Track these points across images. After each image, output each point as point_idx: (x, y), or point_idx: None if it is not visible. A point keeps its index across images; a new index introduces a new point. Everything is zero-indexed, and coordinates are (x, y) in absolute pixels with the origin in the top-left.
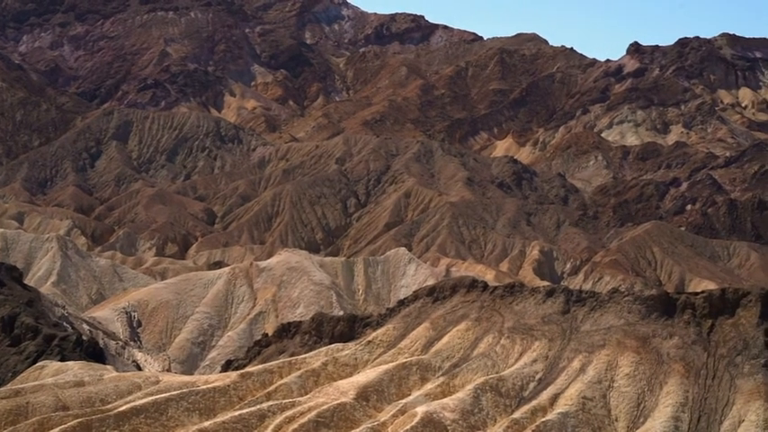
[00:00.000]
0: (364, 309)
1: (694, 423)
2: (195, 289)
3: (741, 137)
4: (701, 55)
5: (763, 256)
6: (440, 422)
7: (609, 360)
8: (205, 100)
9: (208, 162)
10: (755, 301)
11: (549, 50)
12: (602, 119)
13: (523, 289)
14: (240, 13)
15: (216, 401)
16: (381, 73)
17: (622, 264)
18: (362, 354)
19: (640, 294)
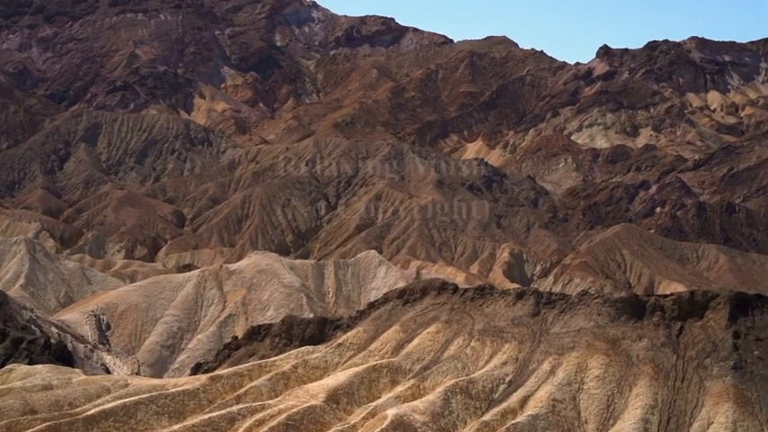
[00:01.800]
0: (334, 311)
1: (663, 425)
2: (164, 292)
3: (710, 140)
4: (671, 58)
5: (732, 259)
6: (410, 425)
7: (579, 362)
8: (174, 102)
9: (177, 164)
10: (724, 303)
11: (519, 53)
12: (572, 122)
13: (493, 291)
14: (210, 15)
15: (185, 405)
16: (352, 75)
17: (592, 266)
18: (333, 356)
19: (610, 297)
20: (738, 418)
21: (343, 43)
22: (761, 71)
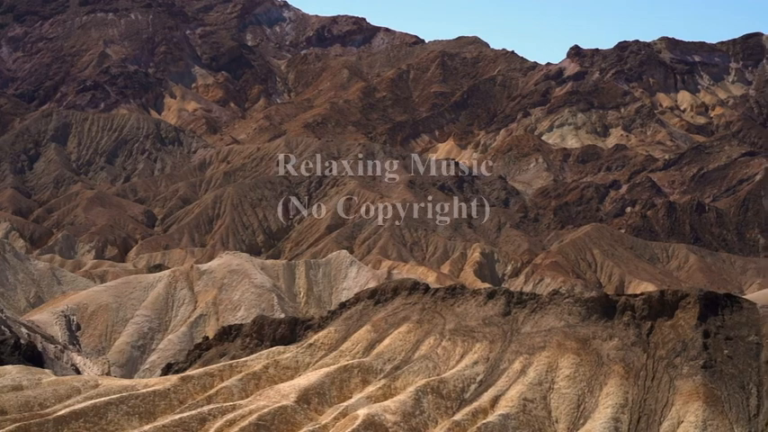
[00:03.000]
0: (306, 311)
1: (634, 424)
2: (135, 292)
3: (680, 140)
4: (641, 58)
5: (702, 258)
6: (381, 424)
7: (549, 362)
8: (145, 102)
9: (148, 164)
10: (694, 302)
11: (491, 53)
12: (543, 122)
13: (465, 291)
14: (181, 14)
15: (156, 405)
16: (323, 75)
17: (563, 266)
18: (304, 356)
19: (580, 296)
20: (708, 416)
21: (315, 43)
22: (730, 71)
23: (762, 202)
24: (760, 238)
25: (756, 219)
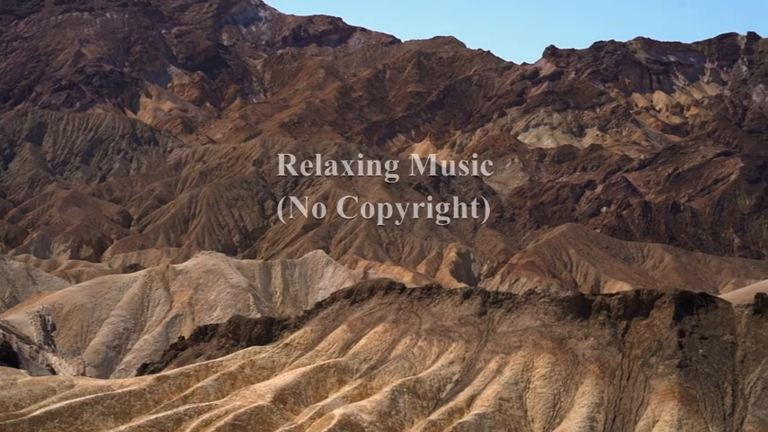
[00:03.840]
0: (282, 311)
1: (609, 423)
2: (110, 292)
3: (655, 140)
4: (616, 59)
5: (677, 258)
6: (357, 424)
7: (525, 361)
8: (121, 101)
9: (123, 164)
10: (669, 302)
11: (467, 53)
12: (519, 121)
13: (441, 291)
14: (156, 14)
15: (132, 405)
16: (299, 75)
17: (538, 265)
18: (280, 356)
19: (556, 296)
20: (683, 415)
21: (291, 43)
22: (706, 71)
23: (736, 201)
24: (735, 238)
25: (731, 218)
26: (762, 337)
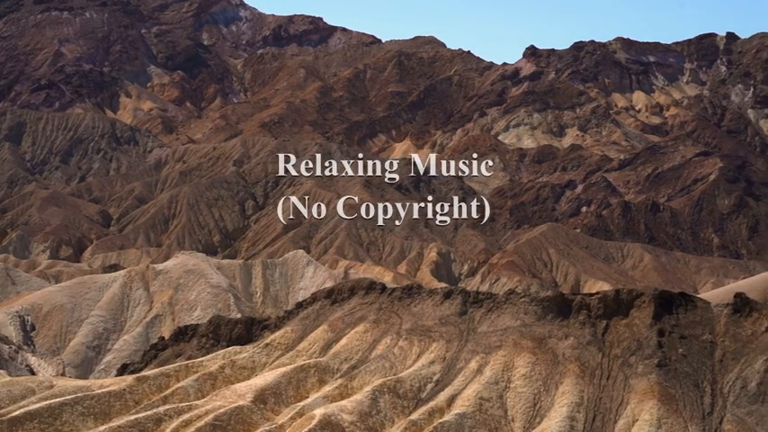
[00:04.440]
0: (262, 311)
1: (589, 423)
2: (90, 292)
3: (635, 140)
4: (596, 59)
5: (657, 258)
6: (338, 424)
7: (505, 361)
8: (100, 101)
9: (103, 164)
10: (649, 301)
11: (447, 53)
12: (499, 122)
13: (421, 291)
14: (136, 13)
15: (111, 406)
16: (279, 75)
17: (519, 265)
18: (260, 356)
19: (536, 295)
20: (663, 415)
21: (271, 42)
22: (685, 72)
23: (716, 201)
24: (714, 238)
25: (710, 218)
26: (741, 337)
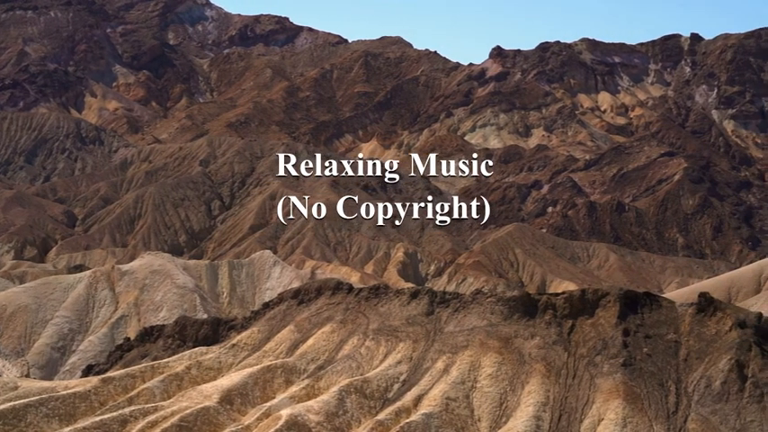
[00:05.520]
0: (229, 312)
1: (555, 422)
2: (55, 293)
3: (600, 140)
4: (562, 59)
5: (622, 258)
6: (304, 425)
7: (472, 361)
8: (65, 101)
9: (68, 164)
10: (614, 301)
11: (414, 54)
12: (466, 122)
13: (388, 291)
14: (101, 12)
15: (76, 407)
16: (246, 75)
17: (485, 265)
18: (227, 357)
19: (503, 295)
20: (628, 414)
21: (237, 42)
22: (650, 72)
23: (680, 201)
24: (678, 238)
25: (675, 218)
26: (705, 336)
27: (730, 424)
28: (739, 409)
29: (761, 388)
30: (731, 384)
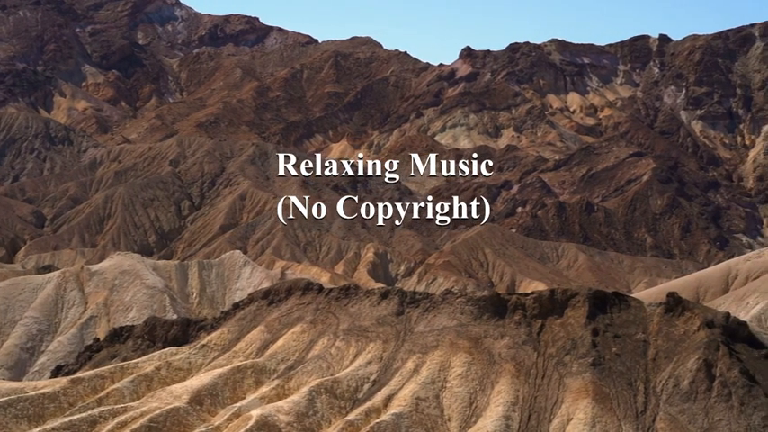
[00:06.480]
0: (198, 312)
1: (525, 421)
2: (24, 293)
3: (569, 140)
4: (531, 60)
5: (591, 258)
6: (274, 425)
7: (442, 361)
8: (34, 100)
9: (37, 164)
10: (583, 301)
11: (384, 54)
12: (436, 122)
13: (358, 291)
14: (70, 12)
15: (45, 408)
16: (216, 75)
17: (455, 265)
18: (196, 357)
19: (472, 295)
20: (597, 413)
21: (207, 42)
22: (619, 73)
23: (649, 201)
24: (647, 238)
25: (643, 218)
26: (673, 336)
27: (698, 423)
28: (707, 408)
29: (728, 387)
30: (699, 384)
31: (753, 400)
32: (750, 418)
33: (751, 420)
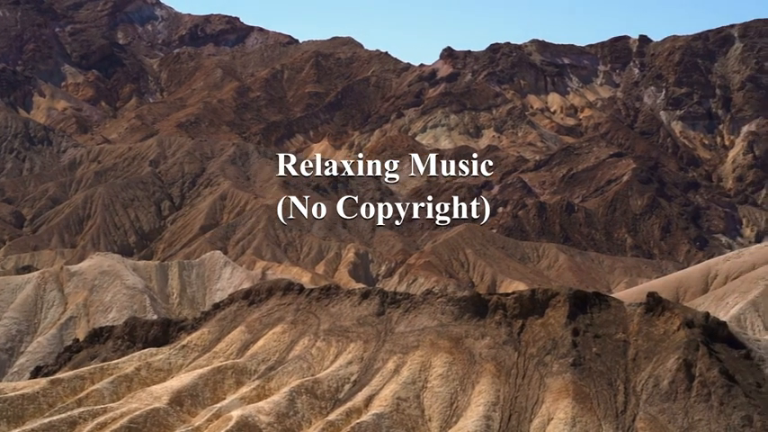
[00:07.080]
0: (179, 313)
1: (505, 421)
2: (3, 294)
3: (550, 141)
4: (512, 60)
5: (571, 258)
6: (255, 426)
7: (423, 361)
8: (13, 100)
9: (16, 164)
10: (564, 301)
11: (365, 54)
12: (417, 122)
13: (339, 291)
14: (50, 11)
15: (25, 409)
16: (196, 75)
17: (436, 265)
18: (177, 358)
19: (453, 296)
20: (577, 413)
21: (188, 42)
22: (599, 74)
23: (629, 202)
24: (627, 238)
25: (624, 219)
26: (653, 336)
27: (678, 423)
28: (687, 408)
29: (708, 387)
30: (679, 384)
31: (732, 400)
32: (729, 418)
33: (730, 420)
